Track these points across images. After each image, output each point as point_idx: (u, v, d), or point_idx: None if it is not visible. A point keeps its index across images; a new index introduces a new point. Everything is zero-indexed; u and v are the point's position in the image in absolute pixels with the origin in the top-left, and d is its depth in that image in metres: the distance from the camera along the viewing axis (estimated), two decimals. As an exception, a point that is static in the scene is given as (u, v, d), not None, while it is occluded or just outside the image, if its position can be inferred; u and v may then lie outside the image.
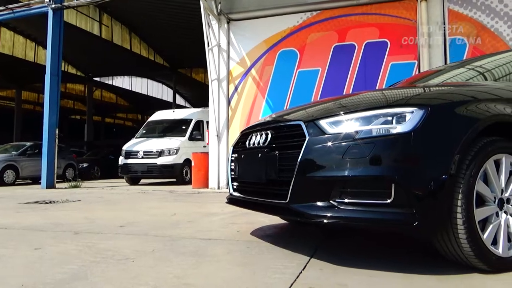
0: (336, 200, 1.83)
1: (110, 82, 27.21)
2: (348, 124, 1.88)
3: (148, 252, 2.27)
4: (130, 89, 28.58)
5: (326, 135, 1.90)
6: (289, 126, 2.17)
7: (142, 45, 21.00)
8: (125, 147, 10.56)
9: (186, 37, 16.60)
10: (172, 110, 12.74)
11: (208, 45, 8.00)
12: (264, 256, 2.13)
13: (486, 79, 2.79)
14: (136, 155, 10.15)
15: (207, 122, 8.94)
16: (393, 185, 1.70)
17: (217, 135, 8.08)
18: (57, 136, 9.35)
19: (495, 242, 1.80)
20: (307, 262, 1.98)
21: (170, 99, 27.97)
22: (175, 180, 10.38)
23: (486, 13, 6.81)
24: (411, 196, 1.69)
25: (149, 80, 29.61)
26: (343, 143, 1.83)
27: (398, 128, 1.76)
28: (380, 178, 1.74)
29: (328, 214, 1.81)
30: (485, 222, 1.81)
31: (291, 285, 1.63)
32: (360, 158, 1.77)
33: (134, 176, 10.30)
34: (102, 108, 30.49)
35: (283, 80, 7.83)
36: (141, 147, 10.33)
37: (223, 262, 2.05)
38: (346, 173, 1.79)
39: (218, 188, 7.96)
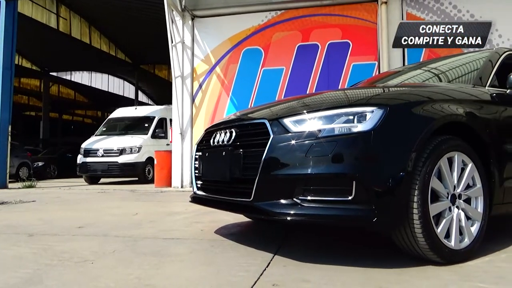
0: (299, 197, 1.85)
1: (68, 78, 26.06)
2: (311, 123, 1.91)
3: (108, 253, 2.20)
4: (90, 85, 27.53)
5: (290, 134, 1.93)
6: (254, 125, 2.18)
7: (102, 40, 20.27)
8: (84, 145, 10.18)
9: (149, 32, 16.20)
10: (134, 107, 12.43)
11: (172, 42, 7.86)
12: (228, 255, 2.13)
13: (440, 80, 2.92)
14: (96, 153, 9.81)
15: (171, 120, 8.79)
16: (354, 182, 1.75)
17: (181, 133, 7.97)
18: (9, 133, 8.85)
19: (447, 235, 1.90)
20: (271, 259, 1.99)
21: (132, 96, 27.21)
22: (137, 179, 10.14)
23: (441, 17, 7.14)
24: (370, 192, 1.74)
25: (110, 76, 28.63)
26: (306, 142, 1.86)
27: (359, 127, 1.81)
28: (342, 175, 1.78)
29: (292, 212, 1.84)
30: (439, 217, 1.90)
31: (255, 282, 1.64)
32: (322, 156, 1.81)
33: (94, 175, 9.95)
34: (60, 104, 29.16)
35: (248, 78, 7.84)
36: (101, 145, 9.99)
37: (186, 261, 2.03)
38: (309, 171, 1.82)
39: (182, 187, 7.86)
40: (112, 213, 4.03)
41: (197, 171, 2.68)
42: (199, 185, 2.66)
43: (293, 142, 1.89)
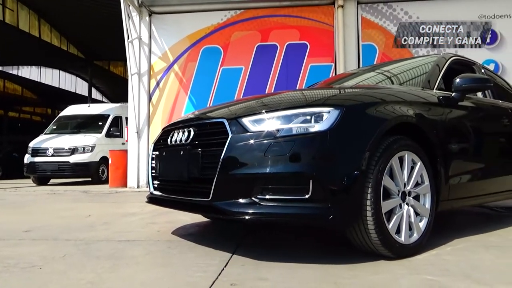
0: (258, 196, 1.86)
1: (15, 72, 24.51)
2: (269, 123, 1.93)
3: (58, 258, 2.10)
4: (39, 80, 26.03)
5: (248, 133, 1.93)
6: (212, 124, 2.16)
7: (53, 33, 19.27)
8: (32, 144, 9.62)
9: (104, 27, 15.60)
10: (87, 104, 11.91)
11: (128, 38, 7.62)
12: (185, 255, 2.10)
13: (392, 82, 3.05)
14: (45, 152, 9.31)
15: (126, 118, 8.52)
16: (311, 181, 1.79)
17: (137, 132, 7.75)
18: None
19: (398, 231, 1.99)
20: (229, 259, 1.99)
21: (85, 93, 26.08)
22: (90, 179, 9.74)
23: (393, 22, 7.46)
24: (327, 191, 1.79)
25: (61, 71, 27.23)
26: (265, 141, 1.87)
27: (316, 127, 1.85)
28: (299, 174, 1.81)
29: (250, 211, 1.84)
30: (390, 213, 1.98)
31: (213, 282, 1.62)
32: (280, 155, 1.83)
33: (43, 175, 9.42)
34: (5, 100, 27.38)
35: (207, 77, 7.77)
36: (51, 144, 9.49)
37: (142, 263, 1.98)
38: (268, 170, 1.83)
39: (138, 187, 7.65)
40: (63, 215, 3.84)
41: (154, 171, 2.61)
42: (156, 185, 2.60)
43: (251, 141, 1.89)
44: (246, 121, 1.98)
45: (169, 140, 2.43)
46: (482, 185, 2.78)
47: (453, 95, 2.63)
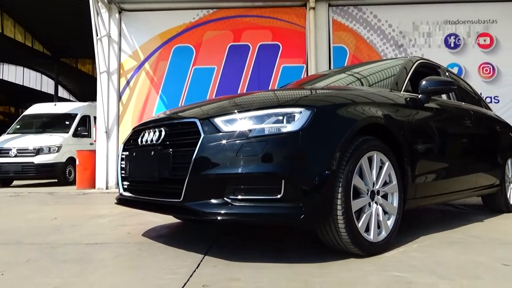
0: (230, 197, 1.86)
1: (-26, 69, 23.38)
2: (242, 123, 1.93)
3: (22, 262, 2.01)
4: (1, 77, 24.91)
5: (220, 133, 1.92)
6: (184, 124, 2.14)
7: (17, 29, 18.49)
8: (-6, 144, 9.20)
9: (71, 23, 15.11)
10: (53, 103, 11.49)
11: (97, 35, 7.42)
12: (156, 257, 2.06)
13: (362, 84, 3.12)
14: (8, 153, 8.91)
15: (95, 118, 8.29)
16: (282, 181, 1.80)
17: (106, 132, 7.56)
18: None
19: (367, 229, 2.04)
20: (201, 260, 1.97)
21: (52, 91, 25.18)
22: (56, 180, 9.41)
23: (363, 25, 7.63)
24: (298, 191, 1.80)
25: (25, 68, 26.17)
26: (237, 141, 1.87)
27: (288, 127, 1.86)
28: (271, 174, 1.82)
29: (222, 211, 1.84)
30: (359, 212, 2.03)
31: (185, 284, 1.61)
32: (253, 155, 1.83)
33: (5, 177, 9.01)
34: (-36, 98, 26.06)
35: (178, 76, 7.68)
36: (15, 143, 9.09)
37: (111, 267, 1.93)
38: (240, 170, 1.83)
39: (107, 188, 7.46)
40: (27, 218, 3.69)
41: (123, 172, 2.56)
42: (125, 186, 2.54)
43: (224, 141, 1.88)
44: (218, 121, 1.97)
45: (139, 140, 2.38)
46: (446, 184, 2.89)
47: (419, 97, 2.72)
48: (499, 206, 3.81)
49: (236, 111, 2.00)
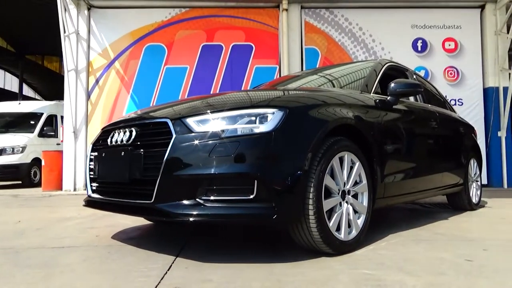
0: (202, 198, 1.85)
1: None
2: (214, 123, 1.92)
3: (-18, 268, 1.92)
4: (-40, 74, 23.72)
5: (193, 134, 1.90)
6: (155, 124, 2.11)
7: (-23, 23, 17.61)
8: (-48, 144, 8.73)
9: (37, 19, 14.55)
10: (17, 102, 11.04)
11: (65, 32, 7.18)
12: (126, 260, 2.02)
13: (334, 86, 3.18)
14: (-32, 154, 8.49)
15: (62, 117, 8.03)
16: (255, 181, 1.80)
17: (74, 132, 7.33)
18: None
19: (338, 228, 2.07)
20: (173, 262, 1.95)
21: (16, 90, 24.15)
22: (20, 182, 9.03)
23: (335, 28, 7.77)
24: (271, 191, 1.81)
25: (-14, 65, 25.02)
26: (210, 142, 1.85)
27: (260, 128, 1.87)
28: (244, 175, 1.82)
29: (194, 212, 1.82)
30: (331, 211, 2.06)
31: (156, 286, 1.58)
32: (225, 156, 1.82)
33: (-35, 179, 8.59)
34: None
35: (150, 75, 7.55)
36: (-25, 144, 8.67)
37: (78, 271, 1.87)
38: (212, 171, 1.82)
39: (75, 190, 7.24)
40: (-12, 222, 3.52)
41: (92, 173, 2.49)
42: (94, 188, 2.47)
43: (196, 142, 1.87)
44: (190, 121, 1.96)
45: (109, 140, 2.33)
46: (414, 183, 2.99)
47: (388, 98, 2.80)
48: (463, 204, 3.98)
49: (208, 111, 1.99)
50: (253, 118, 1.91)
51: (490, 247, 2.27)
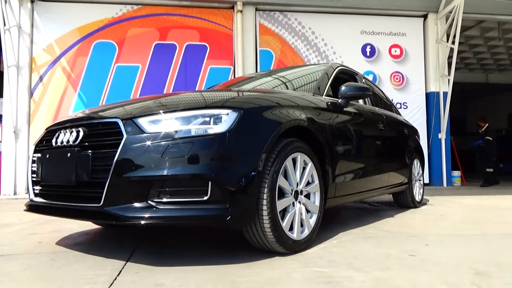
0: (155, 200, 1.80)
1: None
2: (168, 123, 1.88)
3: None
4: None
5: (145, 134, 1.85)
6: (105, 124, 2.02)
7: None
8: None
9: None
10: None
11: (5, 25, 6.72)
12: (72, 267, 1.92)
13: (287, 87, 3.23)
14: None
15: (1, 116, 7.48)
16: (209, 182, 1.79)
17: (15, 132, 6.87)
18: None
19: (291, 228, 2.11)
20: (123, 267, 1.88)
21: None
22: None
23: (288, 31, 7.92)
24: (225, 192, 1.81)
25: None
26: (163, 142, 1.81)
27: (215, 129, 1.86)
28: (198, 176, 1.80)
29: (146, 215, 1.77)
30: (284, 212, 2.09)
31: (104, 294, 1.52)
32: (179, 157, 1.79)
33: None
34: None
35: (99, 74, 7.25)
36: None
37: (19, 280, 1.75)
38: (165, 172, 1.78)
39: (15, 194, 6.78)
40: None
41: (35, 175, 2.34)
42: (37, 191, 2.33)
43: (148, 143, 1.82)
44: (142, 121, 1.90)
45: (54, 141, 2.20)
46: (363, 183, 3.12)
47: (339, 101, 2.89)
48: (407, 202, 4.21)
49: (161, 111, 1.94)
50: (207, 119, 1.89)
51: (431, 242, 2.42)
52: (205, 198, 1.79)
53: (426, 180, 8.00)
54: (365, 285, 1.58)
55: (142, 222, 1.77)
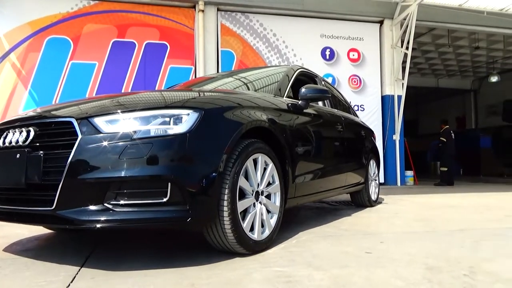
0: (112, 202, 1.74)
1: None
2: (126, 123, 1.83)
3: None
4: None
5: (101, 134, 1.79)
6: (58, 123, 1.93)
7: None
8: None
9: None
10: None
11: None
12: (21, 274, 1.81)
13: (248, 88, 3.24)
14: None
15: None
16: (169, 184, 1.76)
17: (-42, 131, 6.39)
18: None
19: (252, 228, 2.12)
20: (77, 273, 1.80)
21: None
22: None
23: (250, 32, 7.95)
24: (185, 193, 1.78)
25: None
26: (120, 143, 1.76)
27: (175, 129, 1.83)
28: (157, 177, 1.76)
29: (102, 218, 1.71)
30: (245, 212, 2.09)
31: (57, 301, 1.45)
32: (137, 158, 1.75)
33: None
34: None
35: (52, 71, 6.92)
36: None
37: (-39, 290, 1.63)
38: (123, 173, 1.73)
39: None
40: None
41: (-21, 178, 2.19)
42: (-18, 195, 2.18)
43: (105, 143, 1.76)
44: (99, 121, 1.84)
45: (1, 141, 2.08)
46: (322, 183, 3.19)
47: (299, 103, 2.94)
48: (364, 202, 4.35)
49: (119, 111, 1.88)
50: (167, 119, 1.86)
51: (386, 240, 2.52)
52: (165, 199, 1.76)
53: (382, 180, 8.32)
54: (324, 283, 1.62)
55: (98, 225, 1.70)
